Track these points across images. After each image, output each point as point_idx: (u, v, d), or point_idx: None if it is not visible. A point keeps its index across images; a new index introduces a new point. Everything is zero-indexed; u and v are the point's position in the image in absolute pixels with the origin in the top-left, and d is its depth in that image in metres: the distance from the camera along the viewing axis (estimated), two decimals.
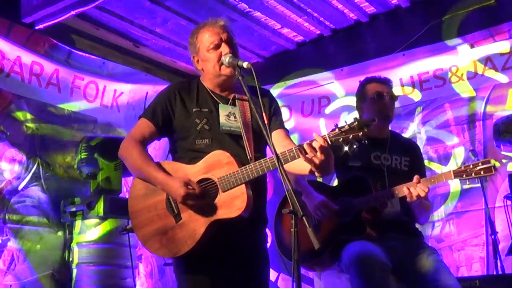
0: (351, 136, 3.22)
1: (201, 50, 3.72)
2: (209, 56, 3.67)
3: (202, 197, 3.44)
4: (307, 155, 3.23)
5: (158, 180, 3.54)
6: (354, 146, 3.26)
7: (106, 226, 6.23)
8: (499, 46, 6.50)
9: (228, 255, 3.57)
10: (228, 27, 3.74)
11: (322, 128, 7.55)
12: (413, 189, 4.15)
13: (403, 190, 4.22)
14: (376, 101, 4.64)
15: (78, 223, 6.36)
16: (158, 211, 3.56)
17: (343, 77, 7.57)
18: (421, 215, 4.53)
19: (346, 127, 3.23)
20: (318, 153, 3.21)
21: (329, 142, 3.22)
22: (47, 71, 6.73)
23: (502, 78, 6.44)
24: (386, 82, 4.78)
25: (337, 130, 3.24)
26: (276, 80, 8.05)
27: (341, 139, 3.23)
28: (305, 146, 3.23)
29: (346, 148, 3.27)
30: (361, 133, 3.20)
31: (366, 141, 3.23)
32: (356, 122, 3.21)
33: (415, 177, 4.19)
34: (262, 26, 7.51)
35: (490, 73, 6.52)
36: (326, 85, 7.69)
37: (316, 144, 3.20)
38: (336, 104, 7.59)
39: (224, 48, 3.63)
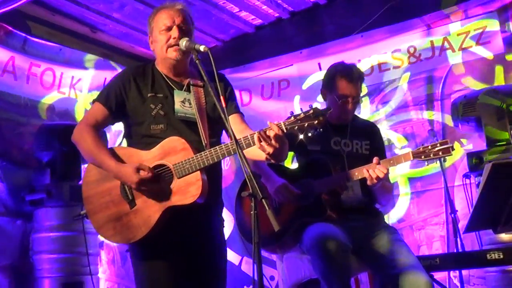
0: (306, 124, 3.23)
1: (154, 31, 3.74)
2: (159, 37, 3.69)
3: (156, 181, 3.44)
4: (261, 143, 3.25)
5: (110, 168, 3.52)
6: (309, 134, 3.27)
7: (66, 214, 6.17)
8: (456, 27, 6.56)
9: (184, 241, 3.58)
10: (184, 11, 3.74)
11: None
12: (371, 171, 4.17)
13: (362, 172, 4.24)
14: (340, 105, 4.57)
15: (37, 212, 6.30)
16: (112, 197, 3.55)
17: (302, 60, 7.57)
18: (382, 197, 4.56)
19: (302, 115, 3.25)
20: (273, 142, 3.23)
21: (284, 130, 3.24)
22: (2, 59, 6.61)
23: (459, 58, 6.50)
24: (357, 81, 4.63)
25: (292, 118, 3.26)
26: (236, 64, 8.03)
27: (296, 127, 3.24)
28: (261, 134, 3.25)
29: (301, 136, 3.28)
30: (316, 121, 3.22)
31: (321, 130, 3.25)
32: (312, 111, 3.23)
33: (375, 159, 4.21)
34: (220, 9, 7.46)
35: (447, 53, 6.58)
36: (285, 68, 7.69)
37: (270, 133, 3.22)
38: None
39: (174, 32, 3.63)
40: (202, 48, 3.44)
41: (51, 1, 6.85)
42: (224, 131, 3.80)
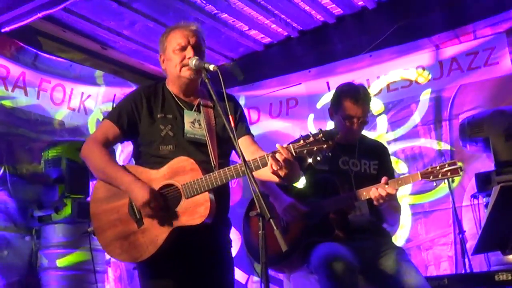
0: (315, 148, 3.23)
1: (167, 50, 3.73)
2: (173, 56, 3.68)
3: (162, 210, 3.44)
4: (272, 166, 3.26)
5: (124, 181, 3.51)
6: (318, 158, 3.27)
7: (74, 231, 6.18)
8: (464, 47, 6.57)
9: (191, 260, 3.57)
10: (199, 32, 3.76)
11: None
12: (380, 190, 4.16)
13: (370, 192, 4.23)
14: (346, 125, 4.57)
15: (45, 228, 6.31)
16: (120, 215, 3.55)
17: (311, 78, 7.59)
18: (390, 217, 4.56)
19: (311, 138, 3.24)
20: (283, 166, 3.23)
21: (293, 154, 3.24)
22: (13, 74, 6.67)
23: (467, 78, 6.50)
24: (363, 102, 4.63)
25: (301, 141, 3.25)
26: (244, 82, 8.06)
27: (306, 150, 3.24)
28: (270, 158, 3.27)
29: (310, 160, 3.29)
30: (325, 145, 3.22)
31: (330, 154, 3.25)
32: (321, 134, 3.23)
33: (383, 178, 4.20)
34: (230, 27, 7.51)
35: (456, 74, 6.58)
36: (294, 87, 7.70)
37: (280, 157, 3.23)
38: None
39: (189, 52, 3.63)
40: (211, 67, 3.45)
41: (63, 18, 6.89)
42: (233, 151, 3.81)
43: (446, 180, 5.04)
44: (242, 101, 7.77)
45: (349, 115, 4.56)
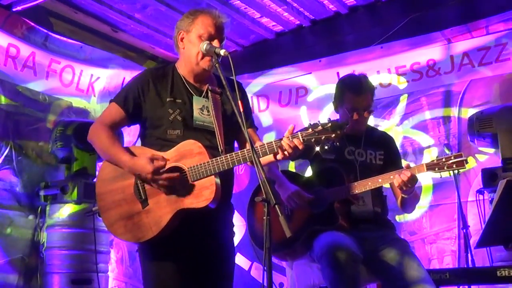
0: (323, 137, 3.25)
1: (193, 32, 3.68)
2: (197, 42, 3.64)
3: (171, 170, 3.44)
4: (282, 150, 3.29)
5: (124, 162, 3.53)
6: (326, 147, 3.28)
7: (79, 211, 6.20)
8: (476, 42, 6.54)
9: (193, 244, 3.57)
10: (226, 26, 3.78)
11: (304, 117, 7.55)
12: (403, 175, 4.14)
13: (375, 181, 4.25)
14: (352, 117, 4.55)
15: (51, 207, 6.33)
16: (125, 195, 3.55)
17: (321, 68, 7.57)
18: (411, 205, 4.56)
19: (320, 127, 3.26)
20: (289, 151, 3.29)
21: (301, 142, 3.27)
22: (23, 54, 6.66)
23: (478, 73, 6.48)
24: (366, 93, 4.62)
25: (310, 130, 3.27)
26: (254, 69, 8.04)
27: (314, 139, 3.26)
28: (279, 144, 3.30)
29: (317, 148, 3.30)
30: (333, 135, 3.23)
31: (338, 144, 3.26)
32: (330, 124, 3.24)
33: (405, 165, 4.22)
34: (242, 14, 7.49)
35: (467, 69, 6.56)
36: (304, 76, 7.69)
37: (286, 146, 3.27)
38: (318, 93, 7.58)
39: (216, 44, 3.62)
40: (222, 52, 3.46)
41: None
42: (235, 142, 3.82)
43: (452, 174, 5.02)
44: (253, 88, 7.81)
45: (354, 107, 4.56)
